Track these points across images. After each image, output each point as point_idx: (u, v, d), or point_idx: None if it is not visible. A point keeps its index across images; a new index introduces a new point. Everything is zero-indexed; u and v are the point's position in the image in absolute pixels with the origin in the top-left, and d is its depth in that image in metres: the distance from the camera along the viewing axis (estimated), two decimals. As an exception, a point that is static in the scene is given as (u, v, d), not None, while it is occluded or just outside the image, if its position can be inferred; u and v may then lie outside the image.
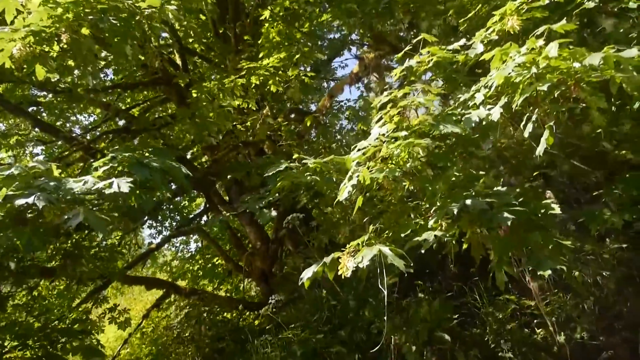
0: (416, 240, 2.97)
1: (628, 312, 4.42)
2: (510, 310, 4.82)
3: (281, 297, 6.52)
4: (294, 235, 9.51)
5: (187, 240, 12.84)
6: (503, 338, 4.48)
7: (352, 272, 6.71)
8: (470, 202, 2.86)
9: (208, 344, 7.37)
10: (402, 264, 2.62)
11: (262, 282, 9.83)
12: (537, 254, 2.88)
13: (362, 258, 2.75)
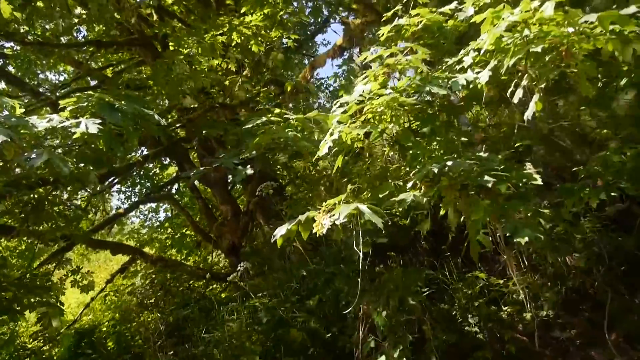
0: (393, 200, 2.87)
1: (595, 293, 4.46)
2: (479, 288, 4.82)
3: (249, 265, 6.38)
4: (265, 209, 9.37)
5: (156, 209, 12.55)
6: (470, 313, 4.47)
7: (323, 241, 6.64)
8: (452, 163, 2.77)
9: (173, 310, 7.21)
10: (379, 221, 2.52)
11: (231, 255, 9.67)
12: (515, 221, 2.83)
13: (338, 215, 2.64)
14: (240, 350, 5.26)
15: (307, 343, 4.93)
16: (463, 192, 2.92)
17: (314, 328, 5.00)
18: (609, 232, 4.34)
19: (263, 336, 5.36)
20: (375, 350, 4.02)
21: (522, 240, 2.71)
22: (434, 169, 2.74)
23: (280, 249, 7.10)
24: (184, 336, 6.84)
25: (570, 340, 4.41)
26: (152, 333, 7.19)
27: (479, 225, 2.94)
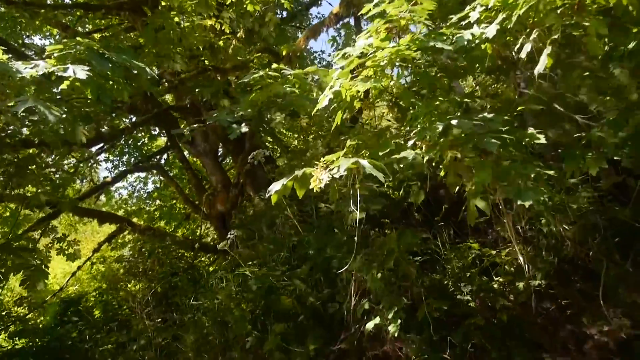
0: (395, 157, 2.77)
1: (589, 262, 4.44)
2: (471, 258, 4.77)
3: (239, 233, 6.29)
4: (255, 181, 9.24)
5: (145, 180, 12.36)
6: (463, 282, 4.43)
7: (314, 213, 6.54)
8: (456, 122, 2.67)
9: (161, 279, 7.12)
10: (381, 176, 2.42)
11: (220, 226, 9.57)
12: (518, 184, 2.74)
13: (337, 169, 2.53)
14: (229, 317, 5.20)
15: (297, 310, 4.87)
16: (465, 153, 2.82)
17: (305, 295, 4.94)
18: (604, 203, 4.30)
19: (252, 303, 5.30)
20: (368, 314, 3.97)
21: (525, 203, 2.63)
22: (439, 126, 2.64)
23: (270, 220, 7.04)
24: (172, 304, 6.77)
25: (560, 310, 4.40)
26: (140, 301, 7.10)
27: (480, 188, 2.85)
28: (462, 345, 4.00)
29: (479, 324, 4.06)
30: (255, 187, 9.06)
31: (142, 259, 7.28)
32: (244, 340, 5.08)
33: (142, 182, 12.41)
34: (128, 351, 6.09)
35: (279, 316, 4.94)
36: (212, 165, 9.82)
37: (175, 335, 5.93)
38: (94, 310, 9.19)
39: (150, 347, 5.91)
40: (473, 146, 2.85)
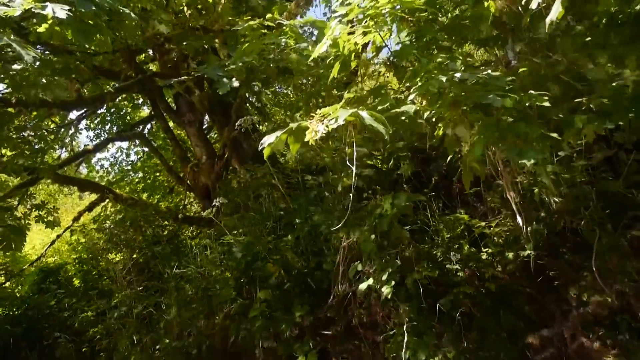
0: (395, 111, 2.63)
1: (579, 232, 4.40)
2: (460, 229, 4.69)
3: (225, 201, 6.11)
4: (240, 154, 9.04)
5: (127, 152, 12.02)
6: (452, 251, 4.35)
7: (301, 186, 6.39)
8: (460, 75, 2.53)
9: (143, 248, 6.92)
10: (382, 128, 2.28)
11: (204, 199, 9.34)
12: (520, 143, 2.63)
13: (335, 120, 2.38)
14: (213, 284, 5.06)
15: (283, 277, 4.76)
16: (467, 110, 2.70)
17: (291, 263, 4.82)
18: (596, 176, 4.24)
19: (237, 271, 5.17)
20: (358, 279, 3.87)
21: (528, 163, 2.52)
22: (442, 78, 2.49)
23: (256, 191, 6.87)
24: (153, 273, 6.60)
25: (549, 281, 4.37)
26: (121, 270, 6.92)
27: (481, 148, 2.73)
28: (450, 313, 3.94)
29: (467, 292, 3.99)
30: (240, 160, 8.86)
31: (124, 228, 7.06)
32: (227, 307, 4.97)
33: (124, 154, 12.10)
34: (108, 319, 5.93)
35: (264, 284, 4.81)
36: (197, 136, 9.55)
37: (158, 303, 5.77)
38: (73, 280, 8.97)
39: (132, 314, 5.75)
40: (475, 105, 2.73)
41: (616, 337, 4.17)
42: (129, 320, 5.65)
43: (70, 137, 9.88)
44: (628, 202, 4.16)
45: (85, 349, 6.26)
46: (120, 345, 5.55)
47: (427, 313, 3.95)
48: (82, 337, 6.37)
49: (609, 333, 4.18)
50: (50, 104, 6.24)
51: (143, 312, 5.86)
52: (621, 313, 4.17)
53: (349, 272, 3.52)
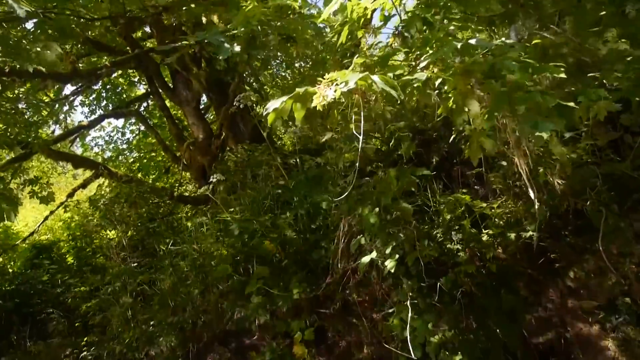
0: (406, 79, 2.50)
1: (578, 219, 4.33)
2: (461, 211, 4.60)
3: (222, 178, 5.99)
4: (237, 134, 8.91)
5: (122, 130, 11.80)
6: (453, 230, 4.27)
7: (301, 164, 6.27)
8: (475, 41, 2.41)
9: (138, 225, 6.79)
10: (394, 93, 2.16)
11: (200, 178, 9.21)
12: (534, 114, 2.52)
13: (345, 83, 2.25)
14: (208, 261, 4.95)
15: (280, 255, 4.66)
16: (479, 78, 2.58)
17: (289, 240, 4.72)
18: (602, 157, 4.15)
19: (233, 249, 5.06)
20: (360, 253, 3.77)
21: (544, 134, 2.41)
22: (456, 44, 2.37)
23: (253, 171, 6.74)
24: (148, 250, 6.48)
25: (550, 263, 4.30)
26: (115, 247, 6.80)
27: (492, 120, 2.61)
28: (451, 293, 3.86)
29: (468, 272, 3.91)
30: (237, 140, 8.71)
31: (119, 204, 6.91)
32: (224, 284, 4.87)
33: (119, 133, 11.90)
34: (101, 295, 5.81)
35: (261, 261, 4.71)
36: (193, 115, 9.39)
37: (152, 280, 5.67)
38: (66, 257, 8.85)
39: (126, 290, 5.64)
40: (488, 75, 2.61)
41: (616, 321, 4.13)
42: (122, 296, 5.54)
43: (65, 113, 9.67)
44: (633, 184, 4.08)
45: (78, 324, 6.15)
46: (113, 321, 5.45)
47: (427, 292, 3.87)
48: (75, 313, 6.26)
49: (608, 317, 4.13)
50: (45, 74, 6.03)
51: (137, 289, 5.75)
52: (622, 297, 4.11)
53: (352, 245, 3.42)
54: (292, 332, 4.29)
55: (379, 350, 4.10)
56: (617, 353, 4.07)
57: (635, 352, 4.02)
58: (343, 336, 4.25)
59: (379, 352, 4.13)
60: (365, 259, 3.18)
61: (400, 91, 2.23)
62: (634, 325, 4.07)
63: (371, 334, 4.04)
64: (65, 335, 6.31)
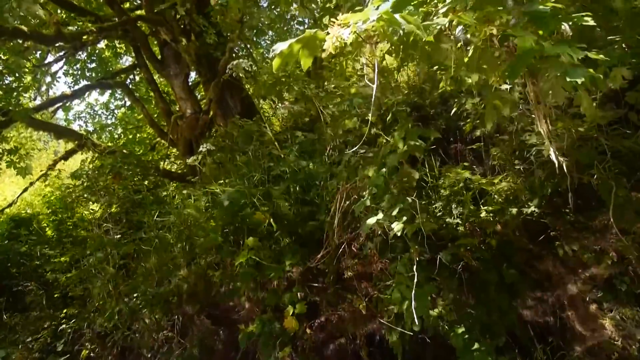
0: (429, 23, 2.28)
1: (581, 195, 4.20)
2: (460, 186, 4.42)
3: (213, 147, 5.72)
4: (226, 112, 8.63)
5: (107, 105, 11.36)
6: (454, 203, 4.09)
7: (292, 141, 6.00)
8: (503, -17, 2.19)
9: (122, 197, 6.46)
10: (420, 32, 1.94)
11: (187, 155, 8.88)
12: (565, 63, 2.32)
13: (364, 22, 2.03)
14: (196, 232, 4.70)
15: (272, 227, 4.42)
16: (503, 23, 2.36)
17: (282, 212, 4.50)
18: (608, 132, 4.00)
19: (222, 221, 4.80)
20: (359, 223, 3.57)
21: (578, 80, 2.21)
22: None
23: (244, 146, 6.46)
24: (132, 222, 6.18)
25: (550, 240, 4.16)
26: (98, 219, 6.49)
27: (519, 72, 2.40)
28: (451, 266, 3.69)
29: (468, 246, 3.75)
30: (225, 118, 8.44)
31: (102, 175, 6.58)
32: (212, 255, 4.63)
33: (105, 106, 11.46)
34: (82, 265, 5.52)
35: (252, 233, 4.48)
36: (182, 89, 9.04)
37: (136, 251, 5.39)
38: (46, 230, 8.49)
39: (108, 261, 5.36)
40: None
41: (613, 301, 4.02)
42: (105, 266, 5.26)
43: (47, 85, 9.21)
44: (637, 162, 3.96)
45: (57, 294, 5.85)
46: (94, 293, 5.17)
47: (426, 265, 3.69)
48: (53, 285, 5.96)
49: (607, 296, 4.02)
50: (27, 34, 5.68)
51: (120, 262, 5.48)
52: (621, 276, 4.00)
53: (355, 207, 3.19)
54: (283, 306, 4.08)
55: (374, 326, 3.93)
56: (613, 333, 3.97)
57: (632, 332, 3.93)
58: (336, 311, 4.05)
59: (374, 327, 3.96)
60: (370, 220, 2.97)
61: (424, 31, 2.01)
62: (632, 306, 3.97)
63: (367, 309, 3.85)
64: (43, 307, 6.01)
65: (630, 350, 3.87)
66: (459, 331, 3.25)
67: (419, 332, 3.92)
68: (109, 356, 5.03)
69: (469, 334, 3.24)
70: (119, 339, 4.77)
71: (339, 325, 4.01)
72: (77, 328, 5.31)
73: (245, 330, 3.99)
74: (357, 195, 3.74)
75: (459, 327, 3.27)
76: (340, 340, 4.06)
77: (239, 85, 8.83)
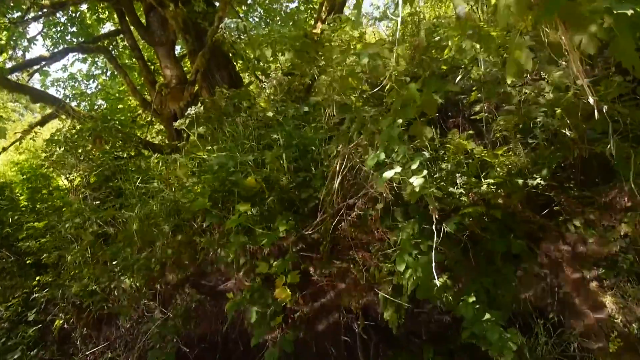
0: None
1: (585, 171, 4.03)
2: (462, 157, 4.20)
3: (201, 110, 5.38)
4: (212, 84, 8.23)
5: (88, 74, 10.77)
6: (458, 172, 3.87)
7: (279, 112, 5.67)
8: None
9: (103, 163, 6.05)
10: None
11: (172, 126, 8.48)
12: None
13: None
14: (182, 196, 4.38)
15: (265, 193, 4.13)
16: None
17: (274, 178, 4.21)
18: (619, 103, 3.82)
19: (211, 187, 4.48)
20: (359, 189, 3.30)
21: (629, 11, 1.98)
22: None
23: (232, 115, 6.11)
24: (113, 189, 5.80)
25: (553, 215, 3.99)
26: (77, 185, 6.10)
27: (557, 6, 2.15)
28: (454, 236, 3.47)
29: (473, 216, 3.53)
30: (211, 91, 8.06)
31: (82, 139, 6.15)
32: (199, 221, 4.32)
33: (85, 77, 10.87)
34: (57, 231, 5.14)
35: (243, 199, 4.18)
36: (167, 57, 8.60)
37: (117, 218, 5.03)
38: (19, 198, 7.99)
39: (85, 228, 5.00)
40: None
41: (615, 278, 3.88)
42: (82, 231, 4.90)
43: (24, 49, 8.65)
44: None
45: (30, 261, 5.45)
46: (70, 260, 4.81)
47: (428, 234, 3.45)
48: (27, 252, 5.54)
49: (608, 272, 3.87)
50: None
51: (98, 231, 5.11)
52: (623, 254, 3.86)
53: (367, 162, 2.91)
54: (274, 275, 3.81)
55: (370, 297, 3.70)
56: (614, 310, 3.83)
57: (633, 310, 3.79)
58: (331, 281, 3.80)
59: (369, 299, 3.73)
60: (387, 173, 2.69)
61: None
62: (634, 283, 3.83)
63: (366, 280, 3.61)
64: (14, 275, 5.61)
65: (630, 328, 3.74)
66: (470, 300, 3.04)
67: (414, 307, 3.72)
68: (84, 327, 4.70)
69: (479, 304, 3.04)
70: (96, 308, 4.45)
71: (334, 297, 3.76)
72: (51, 297, 4.95)
73: (234, 299, 3.72)
74: (359, 159, 3.48)
75: (469, 295, 3.06)
76: (333, 313, 3.83)
77: (226, 58, 8.46)
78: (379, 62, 2.93)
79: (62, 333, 4.72)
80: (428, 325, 3.95)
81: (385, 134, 2.73)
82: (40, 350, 4.66)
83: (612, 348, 3.72)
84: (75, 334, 4.59)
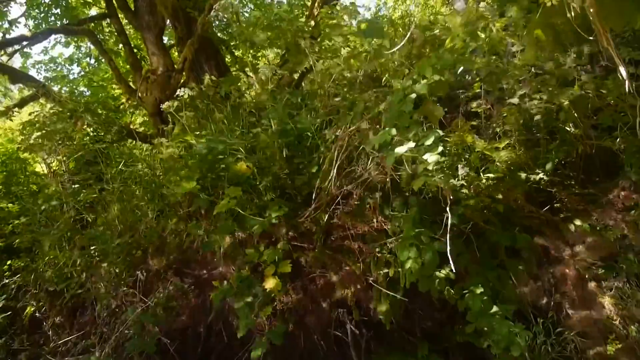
0: None
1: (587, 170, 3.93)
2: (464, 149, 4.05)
3: (193, 92, 5.13)
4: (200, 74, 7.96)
5: (71, 58, 10.35)
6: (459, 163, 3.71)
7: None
8: None
9: (83, 146, 5.73)
10: None
11: (156, 115, 8.14)
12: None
13: None
14: (169, 178, 4.12)
15: (256, 178, 3.89)
16: None
17: (266, 163, 3.98)
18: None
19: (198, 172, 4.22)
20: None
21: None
22: None
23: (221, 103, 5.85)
24: (94, 173, 5.48)
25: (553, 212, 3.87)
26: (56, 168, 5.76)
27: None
28: (456, 227, 3.30)
29: (476, 207, 3.37)
30: (199, 82, 7.78)
31: (62, 120, 5.81)
32: (184, 207, 4.07)
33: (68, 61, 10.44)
34: (32, 214, 4.81)
35: (233, 184, 3.93)
36: (155, 44, 8.26)
37: (97, 201, 4.73)
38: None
39: (63, 211, 4.68)
40: None
41: (614, 279, 3.77)
42: (58, 214, 4.58)
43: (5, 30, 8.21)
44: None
45: (1, 244, 5.09)
46: (44, 244, 4.48)
47: (430, 225, 3.28)
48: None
49: (607, 273, 3.76)
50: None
51: (77, 217, 4.79)
52: (624, 254, 3.75)
53: (377, 139, 2.69)
54: (264, 264, 3.58)
55: (363, 289, 3.51)
56: (612, 312, 3.72)
57: (632, 311, 3.69)
58: (323, 271, 3.60)
59: (364, 292, 3.54)
60: (400, 149, 2.48)
61: None
62: (633, 285, 3.73)
63: (363, 271, 3.41)
64: (-16, 260, 5.24)
65: (628, 329, 3.63)
66: (477, 291, 2.87)
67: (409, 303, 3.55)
68: (57, 315, 4.38)
69: (487, 296, 2.87)
70: (70, 294, 4.14)
71: (326, 288, 3.56)
72: (23, 283, 4.62)
73: (220, 288, 3.47)
74: (358, 143, 3.28)
75: (476, 287, 2.88)
76: (324, 306, 3.62)
77: (215, 49, 8.22)
78: (385, 42, 2.72)
79: (33, 321, 4.40)
80: (423, 322, 3.78)
81: (394, 111, 2.54)
82: (8, 339, 4.33)
83: (610, 350, 3.61)
84: (47, 323, 4.28)
